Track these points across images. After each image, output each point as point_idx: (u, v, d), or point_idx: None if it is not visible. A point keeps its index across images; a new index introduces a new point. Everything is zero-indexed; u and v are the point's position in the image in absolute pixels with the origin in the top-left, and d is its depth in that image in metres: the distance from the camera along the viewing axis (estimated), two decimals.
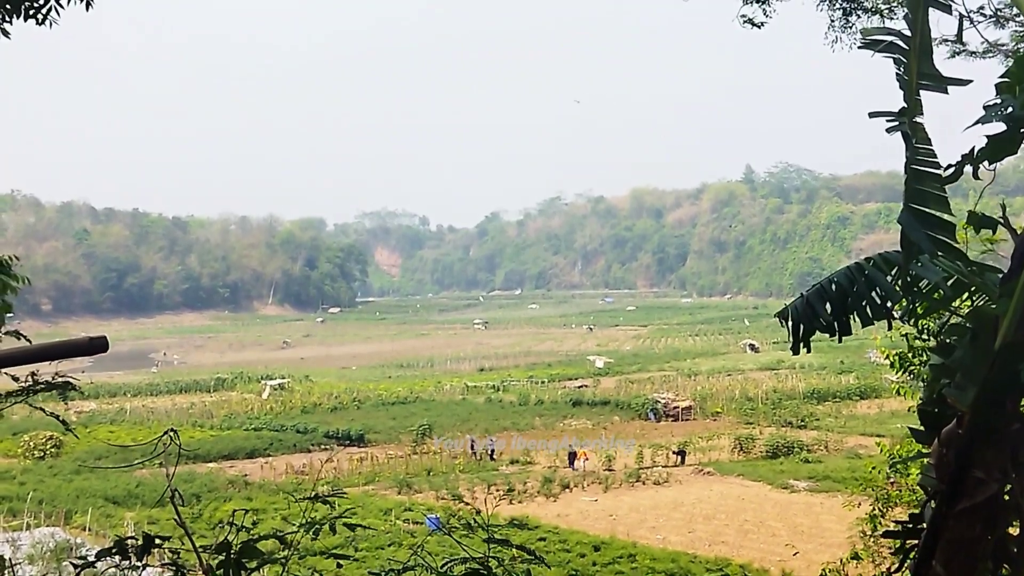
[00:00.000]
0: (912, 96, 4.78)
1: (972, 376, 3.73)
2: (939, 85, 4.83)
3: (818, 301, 5.23)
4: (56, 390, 4.92)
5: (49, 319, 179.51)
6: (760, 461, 55.18)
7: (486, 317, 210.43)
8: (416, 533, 38.23)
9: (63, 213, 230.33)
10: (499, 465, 55.72)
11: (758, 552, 36.93)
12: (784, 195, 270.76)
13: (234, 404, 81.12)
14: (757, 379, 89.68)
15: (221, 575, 3.87)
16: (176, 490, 4.03)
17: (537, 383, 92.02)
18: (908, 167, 4.79)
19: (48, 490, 47.39)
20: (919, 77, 4.77)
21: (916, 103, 4.81)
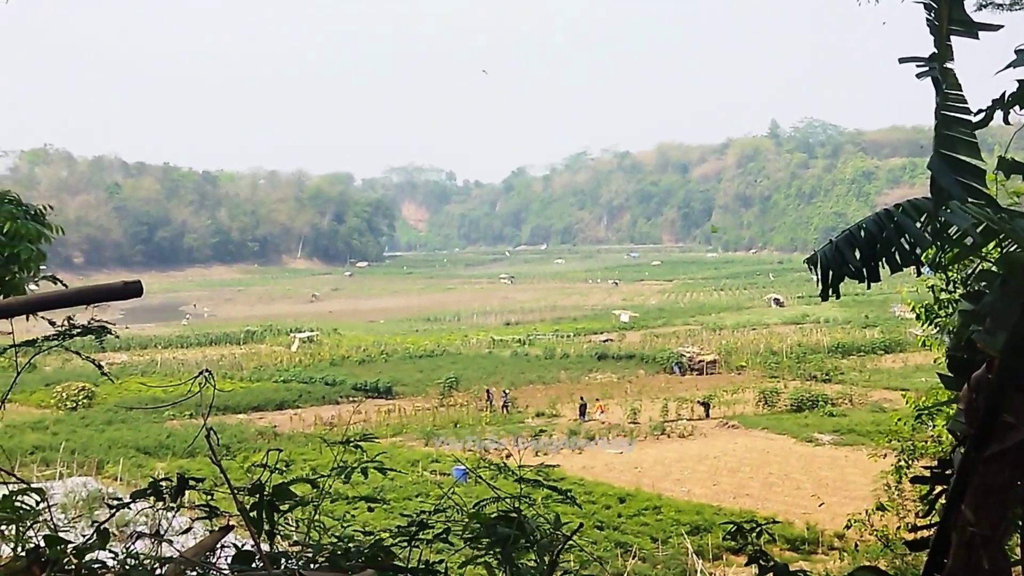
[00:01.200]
0: (943, 42, 4.73)
1: (1002, 321, 3.72)
2: (969, 30, 4.78)
3: (847, 247, 5.20)
4: (92, 335, 4.98)
5: (81, 272, 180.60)
6: (785, 414, 55.17)
7: (512, 272, 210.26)
8: (443, 484, 38.47)
9: (95, 167, 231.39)
10: (525, 417, 55.98)
11: (783, 504, 37.02)
12: (809, 150, 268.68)
13: (263, 356, 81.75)
14: (782, 333, 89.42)
15: (254, 516, 3.92)
16: (211, 429, 4.08)
17: (562, 337, 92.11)
18: (938, 113, 4.75)
19: (80, 440, 47.91)
20: (950, 23, 4.72)
21: (947, 49, 4.76)
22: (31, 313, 4.15)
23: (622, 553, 31.19)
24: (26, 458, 42.81)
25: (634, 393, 62.49)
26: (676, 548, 31.57)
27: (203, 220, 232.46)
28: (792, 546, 32.01)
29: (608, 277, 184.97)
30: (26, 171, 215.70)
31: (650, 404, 57.64)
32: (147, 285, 14.42)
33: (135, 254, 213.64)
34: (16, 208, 9.07)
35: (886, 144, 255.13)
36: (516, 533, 4.02)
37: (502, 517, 4.15)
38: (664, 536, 32.90)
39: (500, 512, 4.19)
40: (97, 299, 3.82)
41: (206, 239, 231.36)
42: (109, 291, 3.69)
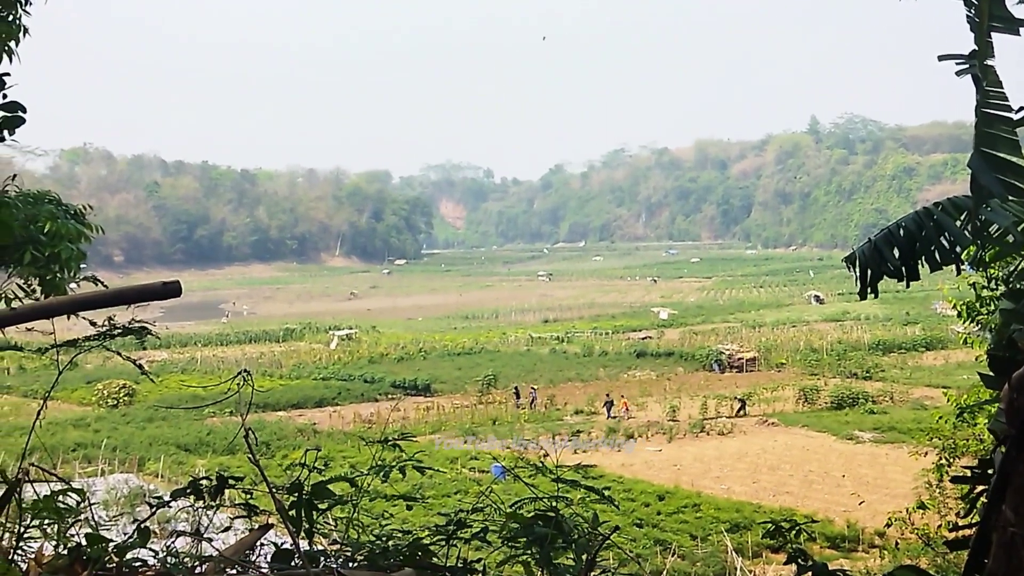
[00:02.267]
0: (983, 38, 4.68)
1: None
2: (1011, 27, 4.72)
3: (886, 246, 5.17)
4: (133, 335, 5.02)
5: (121, 270, 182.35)
6: (825, 412, 54.78)
7: (550, 269, 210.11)
8: (482, 481, 38.53)
9: (134, 166, 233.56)
10: (563, 415, 55.95)
11: (823, 502, 36.77)
12: (849, 146, 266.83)
13: (303, 354, 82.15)
14: (822, 330, 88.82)
15: (293, 515, 3.95)
16: (250, 429, 4.11)
17: (601, 334, 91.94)
18: (978, 110, 4.70)
19: (122, 437, 48.30)
20: (990, 19, 4.67)
21: (987, 45, 4.71)
22: (72, 313, 4.19)
23: (661, 551, 31.10)
24: (68, 455, 43.23)
25: (673, 391, 62.28)
26: (715, 546, 31.45)
27: (242, 218, 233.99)
28: (832, 544, 31.84)
29: (647, 274, 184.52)
30: (66, 170, 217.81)
31: (689, 402, 57.44)
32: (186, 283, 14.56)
33: (174, 252, 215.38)
34: (56, 208, 9.16)
35: (927, 140, 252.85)
36: (554, 532, 4.02)
37: (540, 516, 4.15)
38: (703, 534, 32.78)
39: (538, 511, 4.19)
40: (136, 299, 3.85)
41: (245, 237, 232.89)
42: (148, 291, 3.72)
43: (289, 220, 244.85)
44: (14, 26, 8.97)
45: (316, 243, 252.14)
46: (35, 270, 8.80)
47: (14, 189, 9.34)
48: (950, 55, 4.74)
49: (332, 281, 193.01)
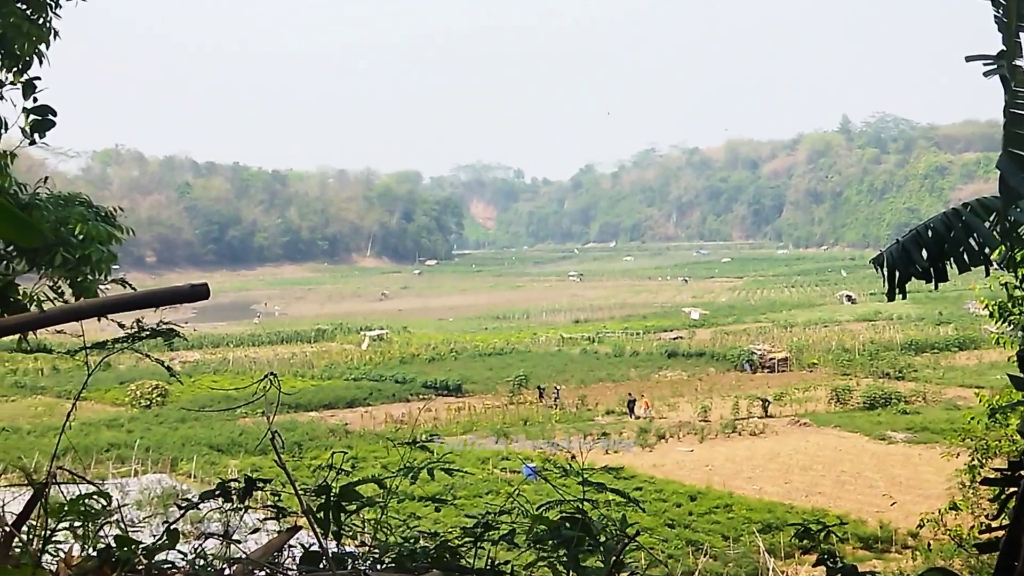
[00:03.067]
0: (1011, 38, 4.63)
1: None
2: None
3: (914, 247, 5.12)
4: (161, 337, 5.05)
5: (153, 271, 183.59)
6: (857, 412, 54.46)
7: (581, 269, 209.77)
8: (513, 481, 38.54)
9: (166, 167, 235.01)
10: (595, 415, 55.90)
11: (855, 503, 36.56)
12: (881, 145, 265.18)
13: (334, 354, 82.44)
14: (854, 330, 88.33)
15: (321, 517, 3.95)
16: (276, 432, 4.12)
17: (632, 335, 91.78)
18: (1007, 111, 4.65)
19: (154, 438, 48.60)
20: (1019, 19, 4.61)
21: (1015, 45, 4.66)
22: (101, 316, 4.21)
23: (693, 551, 31.01)
24: (102, 455, 43.55)
25: (704, 391, 62.15)
26: (747, 546, 31.32)
27: (273, 219, 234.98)
28: (865, 545, 31.68)
29: (678, 274, 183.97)
30: (98, 171, 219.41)
31: (721, 402, 57.28)
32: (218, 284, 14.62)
33: (206, 253, 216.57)
34: (87, 210, 9.22)
35: (960, 139, 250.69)
36: (581, 535, 4.01)
37: (567, 518, 4.14)
38: (735, 534, 32.65)
39: (565, 513, 4.18)
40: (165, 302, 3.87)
41: (276, 238, 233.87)
42: (177, 294, 3.73)
43: (320, 221, 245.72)
44: (44, 29, 9.04)
45: (347, 244, 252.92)
46: (65, 272, 8.86)
47: (45, 191, 9.42)
48: (978, 55, 4.69)
49: (363, 282, 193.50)
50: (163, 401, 59.05)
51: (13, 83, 8.75)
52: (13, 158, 9.09)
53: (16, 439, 44.03)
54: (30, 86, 8.67)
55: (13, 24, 8.46)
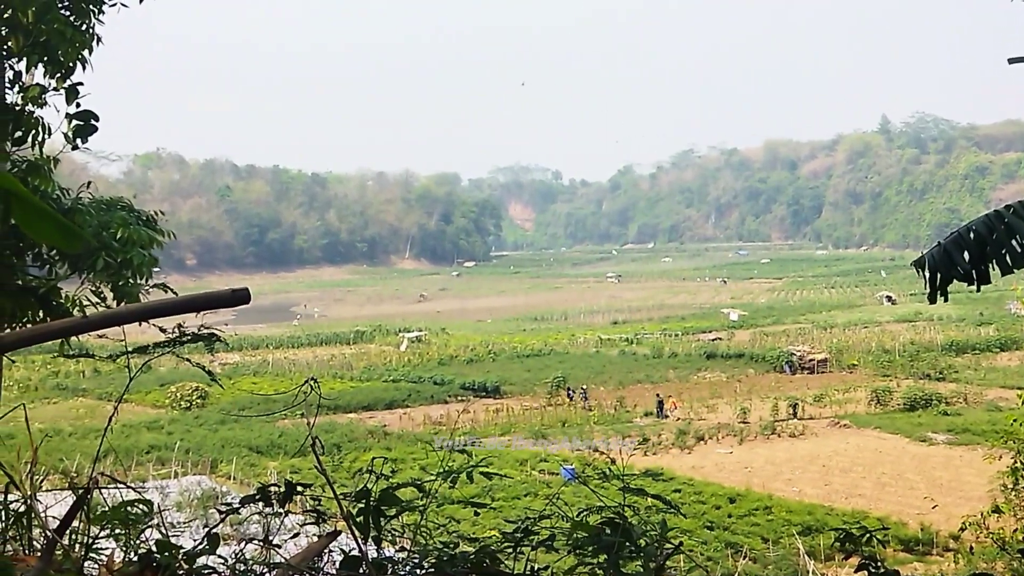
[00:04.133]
0: None
1: None
2: None
3: (955, 249, 5.05)
4: (202, 341, 5.07)
5: (194, 273, 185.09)
6: (897, 414, 54.01)
7: (619, 270, 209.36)
8: (551, 484, 38.50)
9: (206, 170, 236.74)
10: (633, 417, 55.78)
11: (896, 505, 36.25)
12: (921, 145, 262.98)
13: (373, 356, 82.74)
14: (894, 331, 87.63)
15: (361, 522, 3.94)
16: (316, 438, 4.12)
17: (671, 336, 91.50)
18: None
19: (194, 439, 48.92)
20: None
21: None
22: (142, 320, 4.23)
23: (732, 553, 30.88)
24: (142, 457, 43.89)
25: (743, 392, 61.86)
26: (787, 548, 31.15)
27: (312, 221, 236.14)
28: (906, 547, 31.42)
29: (716, 275, 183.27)
30: (139, 175, 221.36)
31: (760, 403, 56.98)
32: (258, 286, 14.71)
33: (246, 256, 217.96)
34: (128, 214, 9.30)
35: (1000, 138, 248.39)
36: (621, 540, 3.97)
37: (607, 523, 4.11)
38: (775, 536, 32.48)
39: (605, 518, 4.14)
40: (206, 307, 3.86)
41: (316, 240, 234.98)
42: (217, 299, 3.72)
43: (359, 223, 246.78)
44: (87, 35, 9.12)
45: (386, 245, 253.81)
46: (107, 276, 8.94)
47: (88, 196, 9.50)
48: (1021, 57, 4.61)
49: (402, 283, 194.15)
50: (203, 403, 59.41)
51: (56, 89, 8.84)
52: (56, 163, 9.17)
53: (57, 441, 44.42)
54: (73, 92, 8.76)
55: (57, 31, 8.55)
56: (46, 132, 8.85)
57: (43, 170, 9.00)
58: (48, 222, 3.27)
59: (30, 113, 8.78)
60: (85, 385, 66.57)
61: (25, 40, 8.59)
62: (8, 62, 8.97)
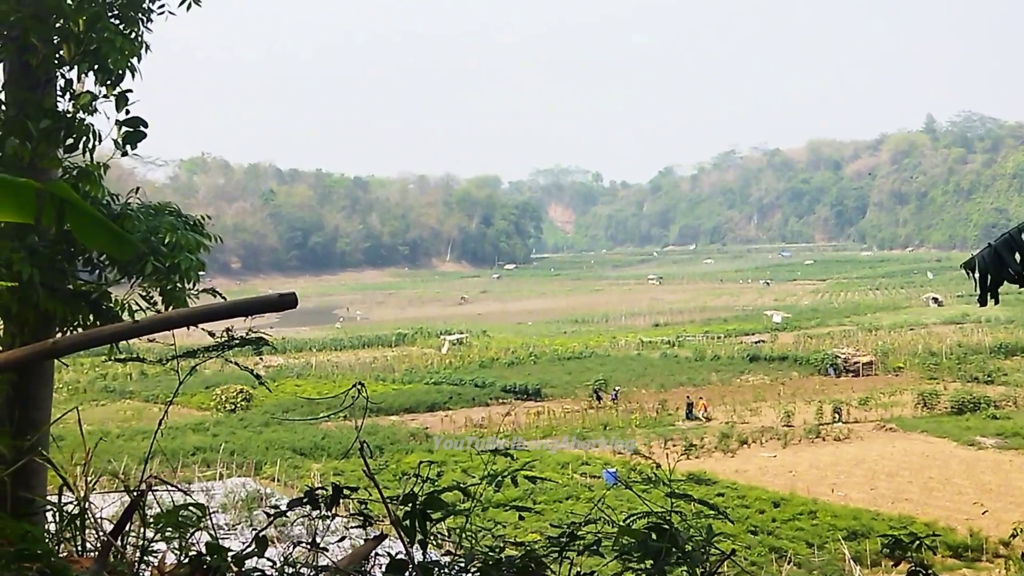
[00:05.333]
0: None
1: None
2: None
3: (1007, 251, 4.99)
4: (250, 345, 5.12)
5: (238, 277, 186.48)
6: (945, 417, 53.42)
7: (660, 272, 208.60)
8: (593, 487, 38.43)
9: (250, 174, 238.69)
10: (676, 420, 55.57)
11: (944, 510, 35.82)
12: (968, 144, 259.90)
13: (414, 358, 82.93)
14: (941, 333, 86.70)
15: (407, 525, 3.96)
16: (364, 442, 4.15)
17: (713, 338, 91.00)
18: None
19: (239, 442, 49.17)
20: None
21: None
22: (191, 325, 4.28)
23: (777, 558, 30.65)
24: (188, 459, 44.15)
25: (787, 395, 61.43)
26: (833, 554, 30.88)
27: (355, 225, 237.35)
28: (955, 553, 31.01)
29: (759, 277, 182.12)
30: (185, 179, 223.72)
31: (804, 407, 56.55)
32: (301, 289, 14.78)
33: (290, 259, 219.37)
34: (176, 219, 9.41)
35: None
36: (668, 546, 3.97)
37: (653, 528, 4.10)
38: (820, 541, 32.19)
39: (651, 523, 4.14)
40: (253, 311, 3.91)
41: (358, 243, 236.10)
42: (265, 303, 3.77)
43: (401, 226, 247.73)
44: (136, 43, 9.25)
45: (427, 248, 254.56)
46: (156, 281, 9.04)
47: (136, 201, 9.62)
48: None
49: (443, 286, 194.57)
50: (248, 405, 59.78)
51: (106, 96, 8.97)
52: (106, 169, 9.30)
53: (106, 443, 44.85)
54: (123, 99, 8.89)
55: (107, 39, 8.67)
56: (96, 139, 8.98)
57: (93, 176, 9.13)
58: (101, 230, 3.33)
59: (81, 120, 8.92)
60: (132, 388, 67.24)
61: (76, 49, 8.73)
62: (60, 70, 9.12)
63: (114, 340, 5.02)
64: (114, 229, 3.21)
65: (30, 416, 8.74)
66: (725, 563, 4.51)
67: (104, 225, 3.22)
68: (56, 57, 8.89)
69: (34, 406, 9.04)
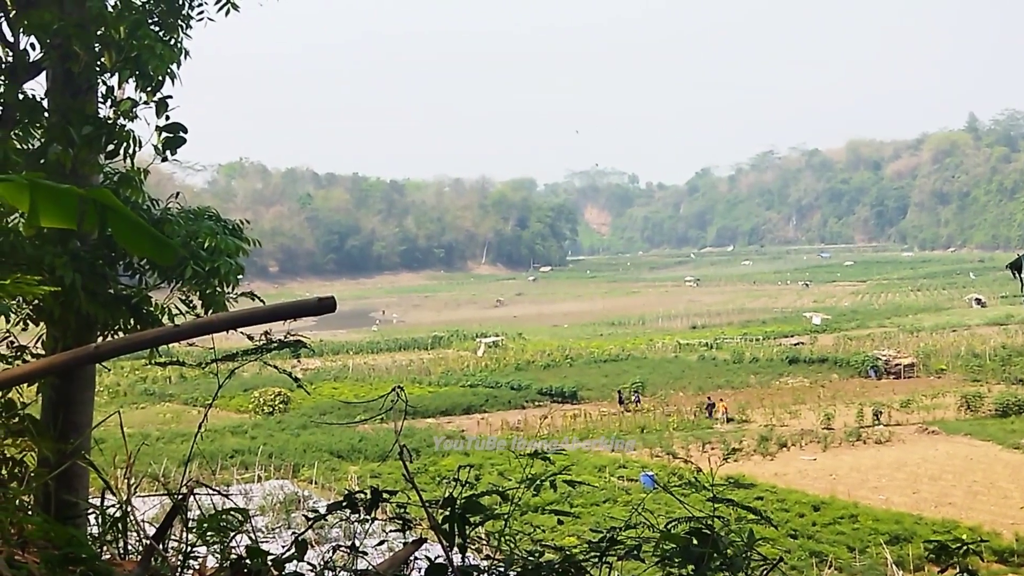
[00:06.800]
0: None
1: None
2: None
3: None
4: (288, 348, 5.14)
5: (276, 280, 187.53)
6: (989, 420, 52.88)
7: (697, 274, 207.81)
8: (631, 490, 38.35)
9: (288, 179, 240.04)
10: (713, 423, 55.34)
11: (988, 514, 35.44)
12: (1011, 143, 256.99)
13: (451, 361, 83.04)
14: (984, 335, 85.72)
15: (446, 529, 3.96)
16: (404, 446, 4.14)
17: (751, 340, 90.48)
18: None
19: (277, 444, 49.43)
20: None
21: None
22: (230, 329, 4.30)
23: (817, 563, 30.44)
24: (226, 461, 44.45)
25: (827, 398, 61.01)
26: (874, 558, 30.65)
27: (391, 228, 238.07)
28: (1000, 558, 30.72)
29: (798, 278, 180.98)
30: (223, 184, 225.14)
31: (844, 409, 56.15)
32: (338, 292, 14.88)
33: (327, 262, 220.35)
34: (216, 223, 9.47)
35: None
36: (710, 551, 3.94)
37: (694, 533, 4.07)
38: (861, 546, 31.96)
39: (692, 528, 4.11)
40: (292, 315, 3.92)
41: (394, 247, 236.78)
42: (304, 307, 3.78)
43: (436, 229, 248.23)
44: (176, 49, 9.33)
45: (463, 251, 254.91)
46: (196, 285, 9.12)
47: (176, 206, 9.70)
48: None
49: (479, 288, 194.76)
50: (285, 408, 60.11)
51: (147, 102, 9.06)
52: (146, 174, 9.39)
53: (146, 446, 45.23)
54: (163, 105, 8.97)
55: (147, 46, 8.76)
56: (137, 144, 9.07)
57: (134, 181, 9.24)
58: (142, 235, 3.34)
59: (122, 126, 9.01)
60: (172, 391, 67.76)
61: (117, 56, 8.83)
62: (102, 77, 9.21)
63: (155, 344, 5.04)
64: (154, 234, 3.22)
65: (72, 420, 8.83)
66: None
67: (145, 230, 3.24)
68: (98, 64, 8.99)
69: (76, 410, 9.14)
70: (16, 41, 8.89)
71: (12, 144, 8.80)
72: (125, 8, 9.07)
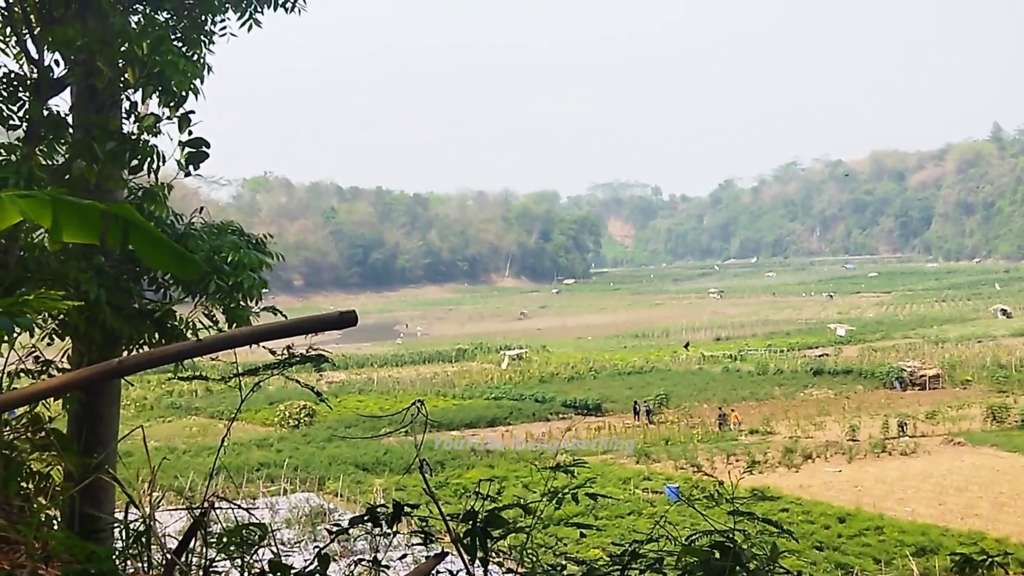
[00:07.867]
0: None
1: None
2: None
3: None
4: (311, 362, 5.16)
5: (300, 294, 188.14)
6: (1015, 431, 52.42)
7: (721, 286, 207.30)
8: (655, 502, 38.20)
9: (312, 193, 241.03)
10: (738, 435, 55.10)
11: (1015, 526, 35.10)
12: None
13: (475, 374, 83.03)
14: (1010, 345, 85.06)
15: (468, 543, 3.96)
16: (424, 460, 4.15)
17: (776, 352, 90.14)
18: None
19: (302, 457, 49.49)
20: None
21: None
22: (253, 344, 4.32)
23: (843, 575, 30.22)
24: (252, 475, 44.54)
25: (852, 409, 60.68)
26: (900, 570, 30.40)
27: (415, 241, 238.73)
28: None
29: (822, 290, 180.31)
30: (248, 198, 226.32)
31: (869, 421, 55.81)
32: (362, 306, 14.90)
33: (351, 276, 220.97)
34: (239, 238, 9.51)
35: None
36: (731, 565, 3.92)
37: (716, 546, 4.05)
38: (887, 558, 31.69)
39: (714, 541, 4.09)
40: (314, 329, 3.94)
41: (418, 260, 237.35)
42: (325, 321, 3.80)
43: (460, 242, 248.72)
44: (198, 65, 9.39)
45: (486, 264, 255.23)
46: (219, 299, 9.15)
47: (200, 221, 9.76)
48: None
49: (502, 301, 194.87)
50: (311, 421, 60.19)
51: (170, 118, 9.12)
52: (170, 189, 9.45)
53: (172, 459, 45.38)
54: (186, 120, 9.03)
55: (171, 62, 8.82)
56: (160, 160, 9.13)
57: (158, 196, 9.30)
58: (165, 250, 3.37)
59: (145, 142, 9.07)
60: (198, 404, 67.98)
61: (141, 72, 8.89)
62: (125, 93, 9.28)
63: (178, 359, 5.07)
64: (178, 249, 3.25)
65: (98, 434, 8.88)
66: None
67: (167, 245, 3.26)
68: (121, 80, 9.06)
69: (101, 424, 9.18)
70: (40, 58, 8.97)
71: (37, 160, 8.87)
72: (148, 24, 9.14)
